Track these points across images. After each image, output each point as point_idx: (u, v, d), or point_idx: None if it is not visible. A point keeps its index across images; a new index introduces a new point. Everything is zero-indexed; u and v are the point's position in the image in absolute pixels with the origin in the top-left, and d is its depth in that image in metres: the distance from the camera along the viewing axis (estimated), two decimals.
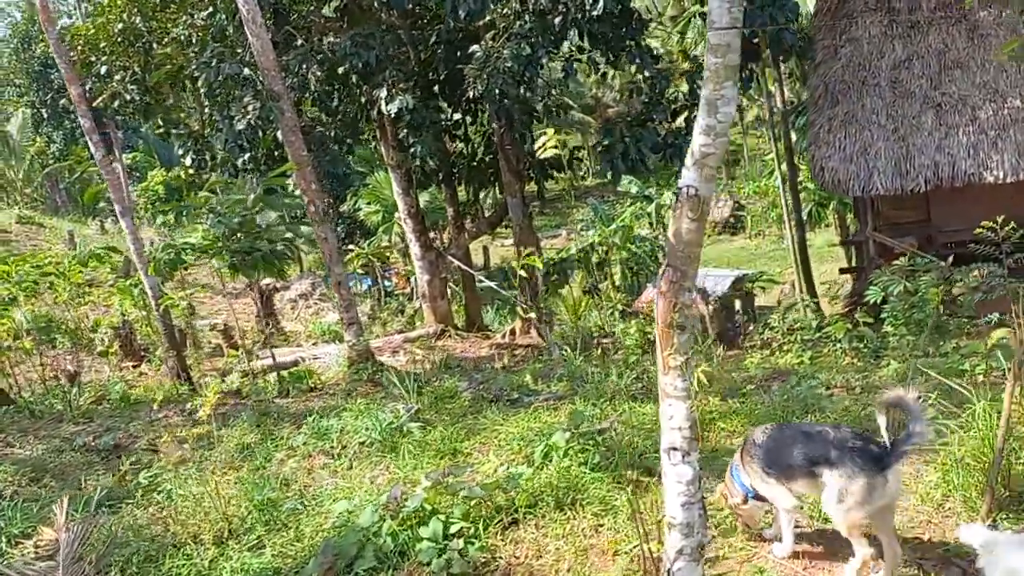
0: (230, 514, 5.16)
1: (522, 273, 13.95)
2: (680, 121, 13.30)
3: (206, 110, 13.82)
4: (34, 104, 37.89)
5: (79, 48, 16.85)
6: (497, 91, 12.21)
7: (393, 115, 12.96)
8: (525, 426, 7.14)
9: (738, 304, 21.49)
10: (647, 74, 12.82)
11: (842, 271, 17.80)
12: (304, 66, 12.76)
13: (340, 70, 12.78)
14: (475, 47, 12.50)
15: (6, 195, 39.33)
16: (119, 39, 16.24)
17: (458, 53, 13.98)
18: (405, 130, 13.70)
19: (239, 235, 9.63)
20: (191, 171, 14.50)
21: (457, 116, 17.33)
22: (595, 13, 11.69)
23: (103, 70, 16.26)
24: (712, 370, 9.43)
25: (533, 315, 17.21)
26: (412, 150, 13.26)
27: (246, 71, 12.56)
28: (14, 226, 34.23)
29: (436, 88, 16.05)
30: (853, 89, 13.40)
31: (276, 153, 13.53)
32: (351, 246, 30.91)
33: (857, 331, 9.99)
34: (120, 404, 10.75)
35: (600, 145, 13.16)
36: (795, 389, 7.58)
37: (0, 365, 12.98)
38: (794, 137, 23.03)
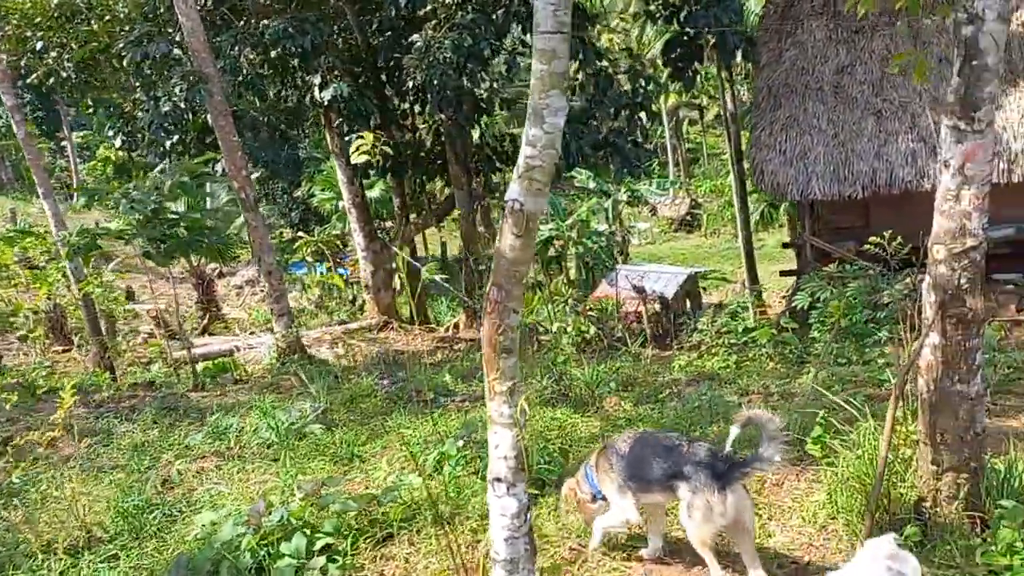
0: (90, 522, 4.87)
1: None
2: (622, 120, 13.11)
3: (137, 91, 13.35)
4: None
5: (13, 23, 16.27)
6: (436, 81, 11.95)
7: (326, 103, 12.62)
8: (431, 429, 6.94)
9: (688, 302, 21.55)
10: (589, 71, 12.62)
11: (782, 273, 17.79)
12: (236, 48, 12.35)
13: (273, 54, 12.39)
14: (416, 36, 12.21)
15: None
16: (55, 14, 15.68)
17: (401, 41, 13.66)
18: (339, 119, 13.36)
19: (153, 222, 9.25)
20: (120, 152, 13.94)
21: (405, 106, 17.03)
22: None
23: (39, 46, 15.69)
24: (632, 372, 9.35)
25: (477, 309, 17.01)
26: (347, 139, 12.91)
27: (176, 51, 12.15)
28: None
29: (382, 76, 15.74)
30: (796, 93, 13.31)
31: (207, 138, 13.11)
32: (301, 233, 30.39)
33: (782, 336, 9.91)
34: (26, 393, 10.31)
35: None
36: (706, 396, 7.43)
37: None
38: (745, 138, 23.04)
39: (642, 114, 12.89)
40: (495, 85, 15.82)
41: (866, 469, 4.62)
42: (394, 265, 19.72)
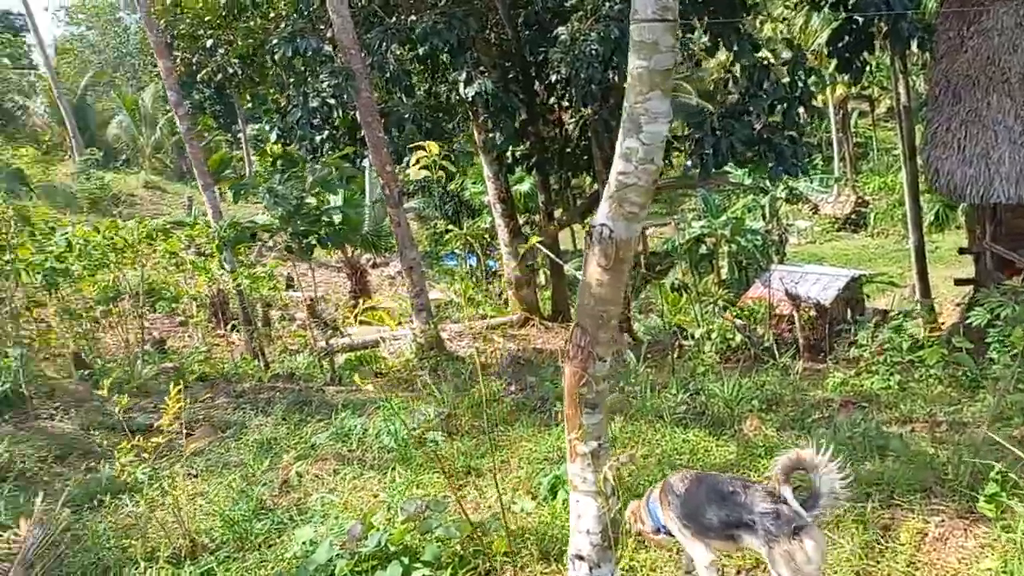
0: (196, 529, 4.83)
1: None
2: (778, 115, 12.22)
3: (290, 87, 13.72)
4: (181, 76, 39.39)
5: (187, 22, 17.16)
6: (582, 75, 11.56)
7: (470, 99, 12.48)
8: (552, 445, 6.59)
9: (849, 310, 20.11)
10: (745, 62, 11.83)
11: (957, 282, 16.20)
12: (384, 44, 12.42)
13: (421, 50, 12.35)
14: (561, 29, 11.86)
15: (135, 160, 41.18)
16: (223, 12, 16.40)
17: (548, 35, 13.37)
18: (484, 115, 13.20)
19: (295, 217, 9.37)
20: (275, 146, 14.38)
21: (552, 100, 16.75)
22: None
23: (209, 43, 16.46)
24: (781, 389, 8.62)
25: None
26: (491, 135, 12.74)
27: (326, 48, 12.34)
28: (140, 190, 35.83)
29: (530, 71, 15.51)
30: (979, 86, 11.92)
31: (356, 133, 13.30)
32: (450, 226, 30.79)
33: (954, 356, 8.88)
34: (177, 378, 10.73)
35: (689, 138, 12.28)
36: (860, 426, 6.67)
37: (90, 329, 13.30)
38: (919, 133, 21.27)
39: (800, 109, 11.95)
40: None
41: None
42: (538, 261, 19.56)
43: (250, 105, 16.07)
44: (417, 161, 3.26)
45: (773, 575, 3.61)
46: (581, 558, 2.69)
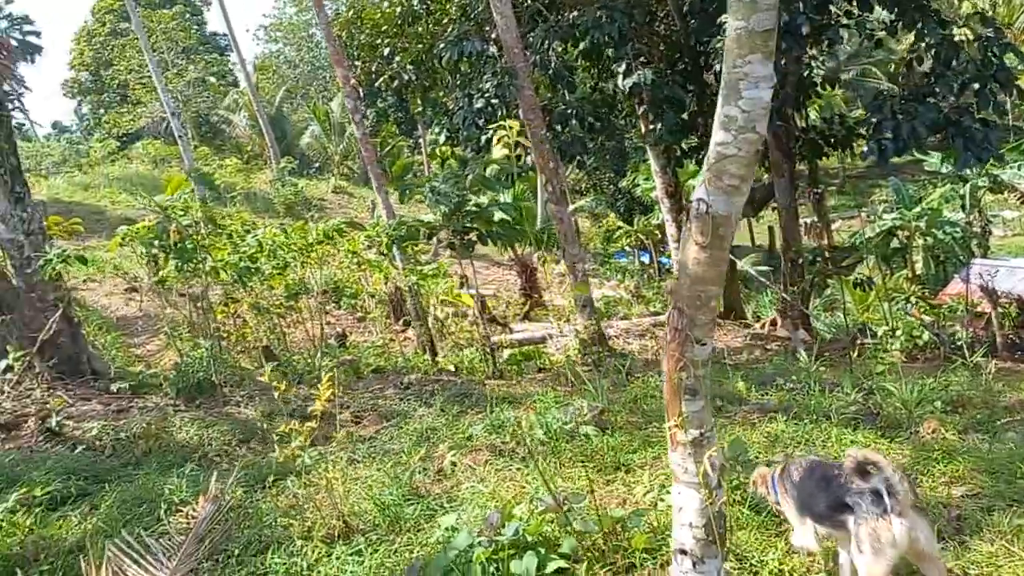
0: (349, 511, 5.06)
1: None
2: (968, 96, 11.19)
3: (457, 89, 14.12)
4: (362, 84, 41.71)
5: (366, 32, 18.05)
6: None
7: (628, 90, 12.32)
8: None
9: None
10: (930, 40, 10.94)
11: None
12: (546, 43, 12.51)
13: (583, 45, 12.33)
14: (725, 16, 11.47)
15: (326, 167, 43.77)
16: (399, 21, 17.11)
17: (715, 23, 12.98)
18: (644, 107, 12.99)
19: (456, 215, 9.64)
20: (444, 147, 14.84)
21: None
22: None
23: (386, 52, 17.23)
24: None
25: (794, 304, 15.81)
26: (653, 128, 12.53)
27: (491, 49, 12.59)
28: (329, 195, 38.10)
29: (700, 61, 15.13)
30: None
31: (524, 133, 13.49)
32: (621, 223, 30.62)
33: None
34: (351, 370, 11.30)
35: (867, 123, 11.51)
36: None
37: (276, 324, 14.27)
38: None
39: (995, 87, 10.87)
40: (822, 62, 14.42)
41: None
42: None
43: (423, 110, 16.59)
44: (499, 140, 3.22)
45: (855, 553, 3.64)
46: (684, 552, 2.57)
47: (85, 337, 11.35)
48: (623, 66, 12.30)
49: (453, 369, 11.39)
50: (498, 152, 21.26)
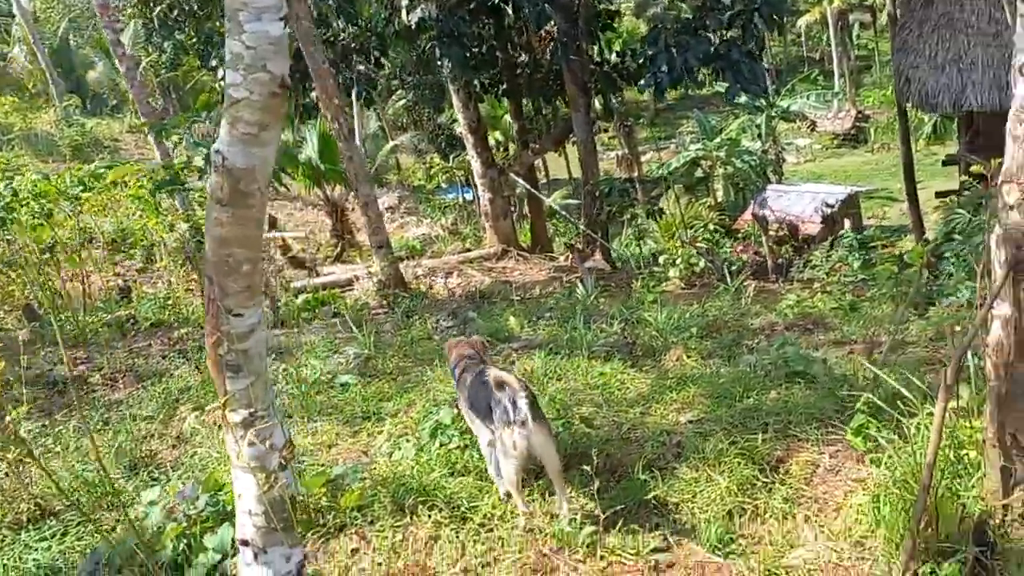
0: (40, 493, 4.60)
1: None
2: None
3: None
4: (145, 15, 38.51)
5: None
6: None
7: (415, 25, 11.91)
8: None
9: (847, 224, 19.58)
10: None
11: (938, 195, 15.65)
12: None
13: None
14: None
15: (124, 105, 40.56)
16: None
17: None
18: (431, 42, 12.61)
19: None
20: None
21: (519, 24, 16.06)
22: None
23: None
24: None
25: (595, 237, 16.17)
26: (439, 63, 12.20)
27: None
28: (124, 135, 35.37)
29: None
30: None
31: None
32: (438, 159, 30.34)
33: (905, 275, 8.48)
34: (115, 328, 10.54)
35: (643, 56, 11.68)
36: (779, 351, 6.33)
37: (46, 279, 13.06)
38: None
39: (759, 22, 11.24)
40: None
41: (917, 473, 3.59)
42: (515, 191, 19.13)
43: (196, 41, 15.44)
44: None
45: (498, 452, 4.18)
46: (246, 543, 2.39)
47: None
48: (404, 0, 11.84)
49: None
50: None
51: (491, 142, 21.30)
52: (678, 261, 12.07)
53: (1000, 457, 3.36)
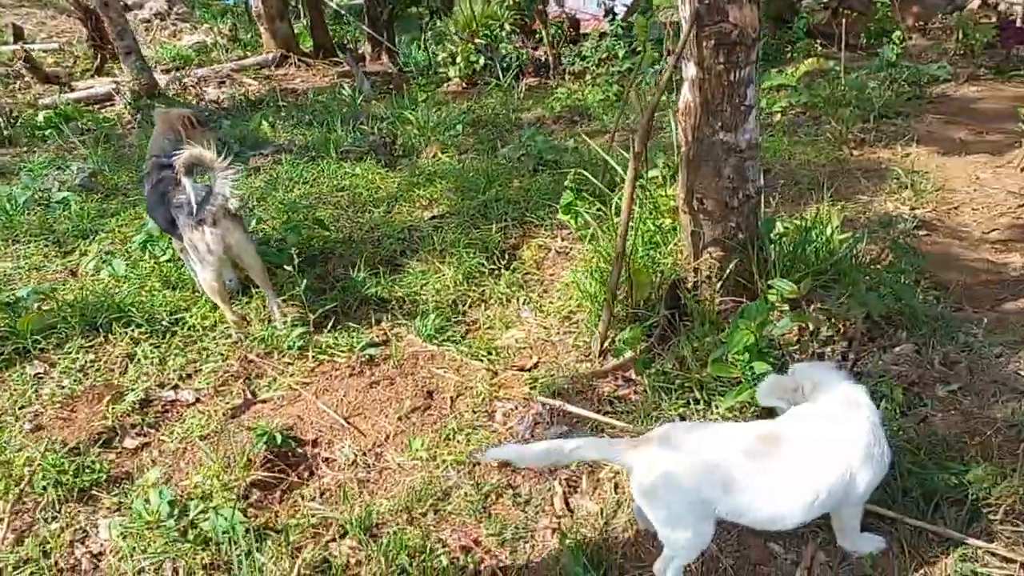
0: None
1: None
2: None
3: None
4: None
5: None
6: None
7: None
8: None
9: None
10: None
11: None
12: None
13: None
14: None
15: None
16: None
17: None
18: None
19: None
20: None
21: None
22: None
23: None
24: None
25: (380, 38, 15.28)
26: None
27: None
28: None
29: None
30: None
31: None
32: None
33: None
34: None
35: None
36: (530, 142, 6.21)
37: None
38: None
39: None
40: None
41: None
42: None
43: None
44: None
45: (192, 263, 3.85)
46: None
47: None
48: None
49: None
50: None
51: None
52: (458, 60, 11.54)
53: (691, 222, 3.38)
